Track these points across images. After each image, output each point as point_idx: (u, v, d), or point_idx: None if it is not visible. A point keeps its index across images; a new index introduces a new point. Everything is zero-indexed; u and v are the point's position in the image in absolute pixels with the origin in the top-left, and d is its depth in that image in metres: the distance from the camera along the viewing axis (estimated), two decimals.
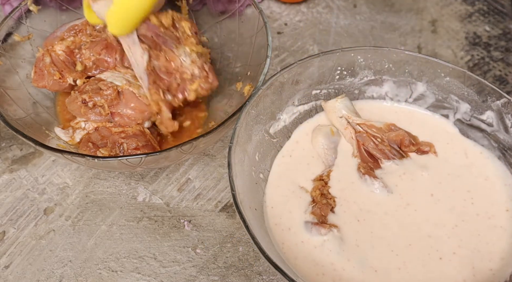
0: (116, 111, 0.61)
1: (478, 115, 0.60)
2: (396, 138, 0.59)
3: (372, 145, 0.58)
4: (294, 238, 0.53)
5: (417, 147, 0.59)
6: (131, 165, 0.54)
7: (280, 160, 0.60)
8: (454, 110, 0.62)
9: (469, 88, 0.59)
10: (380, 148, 0.58)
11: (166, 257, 0.58)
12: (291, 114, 0.62)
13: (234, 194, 0.49)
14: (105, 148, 0.60)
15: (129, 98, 0.60)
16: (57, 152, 0.54)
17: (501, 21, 0.85)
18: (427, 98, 0.63)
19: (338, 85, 0.64)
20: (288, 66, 0.59)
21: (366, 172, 0.56)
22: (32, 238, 0.60)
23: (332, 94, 0.64)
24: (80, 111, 0.61)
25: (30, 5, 0.66)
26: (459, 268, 0.50)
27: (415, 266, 0.50)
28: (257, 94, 0.56)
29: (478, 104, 0.59)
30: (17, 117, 0.59)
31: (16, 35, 0.65)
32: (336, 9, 0.86)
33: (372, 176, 0.56)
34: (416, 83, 0.62)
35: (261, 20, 0.65)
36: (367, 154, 0.58)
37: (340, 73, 0.63)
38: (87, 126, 0.62)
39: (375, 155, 0.58)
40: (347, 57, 0.61)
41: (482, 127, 0.60)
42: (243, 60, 0.69)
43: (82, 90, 0.61)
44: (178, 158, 0.58)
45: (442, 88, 0.61)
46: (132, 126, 0.61)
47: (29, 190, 0.64)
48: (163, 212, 0.62)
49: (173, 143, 0.64)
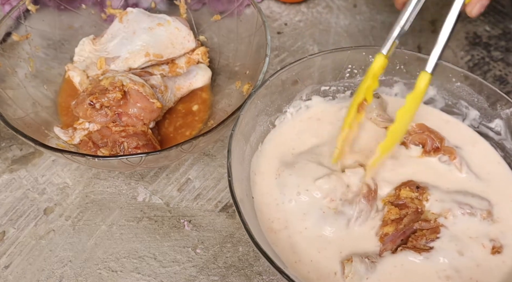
0: (124, 111, 0.61)
1: (487, 123, 0.59)
2: (420, 141, 0.58)
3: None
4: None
5: (439, 153, 0.57)
6: (131, 164, 0.54)
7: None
8: (463, 116, 0.61)
9: (480, 95, 0.59)
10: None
11: (166, 257, 0.58)
12: (298, 108, 0.62)
13: (230, 180, 0.49)
14: (105, 148, 0.60)
15: (136, 98, 0.61)
16: (58, 151, 0.54)
17: (501, 21, 0.85)
18: (437, 103, 0.63)
19: (348, 83, 0.64)
20: (299, 59, 0.59)
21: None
22: (32, 238, 0.60)
23: (341, 91, 0.64)
24: (86, 114, 0.61)
25: (28, 4, 0.66)
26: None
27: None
28: (264, 85, 0.56)
29: (487, 111, 0.59)
30: (16, 117, 0.59)
31: (15, 35, 0.65)
32: (336, 9, 0.86)
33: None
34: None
35: (259, 19, 0.65)
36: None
37: (350, 71, 0.63)
38: (91, 126, 0.62)
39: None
40: (359, 56, 0.61)
41: (490, 135, 0.59)
42: (242, 59, 0.69)
43: (89, 92, 0.61)
44: (178, 156, 0.58)
45: (452, 93, 0.61)
46: (138, 126, 0.61)
47: (29, 190, 0.64)
48: (163, 212, 0.62)
49: (174, 141, 0.65)
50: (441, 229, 0.52)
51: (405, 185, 0.54)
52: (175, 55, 0.70)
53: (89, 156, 0.53)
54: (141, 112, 0.61)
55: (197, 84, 0.69)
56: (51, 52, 0.71)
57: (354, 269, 0.49)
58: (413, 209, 0.53)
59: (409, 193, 0.54)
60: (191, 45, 0.71)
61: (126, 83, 0.61)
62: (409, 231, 0.52)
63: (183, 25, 0.71)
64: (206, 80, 0.70)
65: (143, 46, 0.68)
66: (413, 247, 0.51)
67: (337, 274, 0.50)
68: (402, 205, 0.53)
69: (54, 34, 0.71)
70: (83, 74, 0.68)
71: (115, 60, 0.68)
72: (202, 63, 0.72)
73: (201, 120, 0.68)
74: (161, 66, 0.71)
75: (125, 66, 0.67)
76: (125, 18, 0.70)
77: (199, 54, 0.72)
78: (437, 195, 0.54)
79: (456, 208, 0.52)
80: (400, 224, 0.52)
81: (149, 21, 0.70)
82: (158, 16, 0.71)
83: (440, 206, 0.53)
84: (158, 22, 0.70)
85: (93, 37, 0.71)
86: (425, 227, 0.52)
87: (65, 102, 0.68)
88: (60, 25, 0.71)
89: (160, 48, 0.69)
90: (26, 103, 0.63)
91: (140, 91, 0.61)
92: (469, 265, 0.50)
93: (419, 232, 0.51)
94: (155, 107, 0.61)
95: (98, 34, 0.72)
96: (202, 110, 0.69)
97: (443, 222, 0.52)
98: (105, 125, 0.61)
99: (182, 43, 0.70)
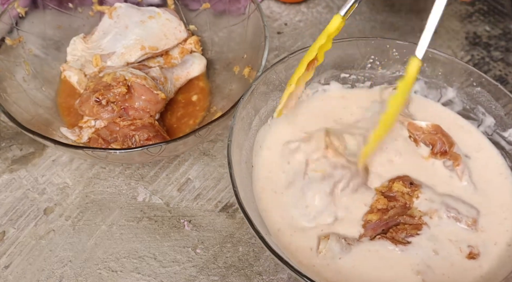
0: (130, 105, 0.62)
1: (501, 132, 0.59)
2: (430, 141, 0.58)
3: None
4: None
5: (445, 157, 0.58)
6: (151, 154, 0.55)
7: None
8: (479, 122, 0.61)
9: (497, 102, 0.58)
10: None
11: (166, 257, 0.58)
12: (315, 91, 0.63)
13: (229, 144, 0.50)
14: (116, 143, 0.61)
15: (140, 91, 0.61)
16: (78, 148, 0.55)
17: (501, 21, 0.85)
18: (455, 105, 0.63)
19: (368, 73, 0.64)
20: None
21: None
22: (32, 238, 0.60)
23: (360, 81, 0.64)
24: (92, 111, 0.61)
25: (17, 7, 0.66)
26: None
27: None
28: (282, 62, 0.57)
29: (503, 120, 0.59)
30: (23, 120, 0.59)
31: (7, 39, 0.65)
32: (336, 9, 0.86)
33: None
34: (447, 88, 0.62)
35: (251, 3, 0.66)
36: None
37: (372, 62, 0.63)
38: (97, 123, 0.63)
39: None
40: (382, 48, 0.61)
41: (502, 144, 0.59)
42: (237, 45, 0.70)
43: (93, 89, 0.62)
44: (195, 142, 0.59)
45: (471, 98, 0.61)
46: (145, 118, 0.62)
47: (29, 190, 0.64)
48: (163, 212, 0.62)
49: (179, 131, 0.67)
50: (424, 227, 0.53)
51: (400, 179, 0.55)
52: (169, 46, 0.71)
53: (111, 149, 0.54)
54: (147, 105, 0.62)
55: (194, 73, 0.70)
56: (46, 53, 0.71)
57: (329, 246, 0.50)
58: (401, 203, 0.54)
59: (402, 187, 0.54)
60: (183, 35, 0.72)
61: (128, 78, 0.61)
62: (392, 223, 0.53)
63: (173, 16, 0.72)
64: (202, 68, 0.71)
65: (138, 40, 0.68)
66: (391, 238, 0.52)
67: (312, 250, 0.51)
68: (392, 197, 0.54)
69: (45, 35, 0.71)
70: (80, 73, 0.68)
71: (111, 56, 0.68)
72: (195, 52, 0.73)
73: (202, 109, 0.69)
74: (156, 58, 0.72)
75: (122, 61, 0.68)
76: (115, 14, 0.70)
77: (192, 43, 0.73)
78: (428, 195, 0.54)
79: (443, 210, 0.53)
80: (385, 214, 0.53)
81: (140, 14, 0.70)
82: (147, 9, 0.72)
83: (428, 205, 0.54)
84: (149, 15, 0.70)
85: (84, 36, 0.71)
86: (408, 222, 0.53)
87: (66, 103, 0.68)
88: (49, 26, 0.71)
89: (154, 40, 0.69)
90: (28, 106, 0.63)
91: (143, 84, 0.61)
92: (442, 263, 0.51)
93: (401, 226, 0.52)
94: (159, 99, 0.62)
95: (88, 32, 0.72)
96: (202, 99, 0.70)
97: (427, 221, 0.53)
98: (112, 121, 0.62)
99: (174, 33, 0.71)
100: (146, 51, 0.68)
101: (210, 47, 0.75)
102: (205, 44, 0.75)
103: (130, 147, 0.60)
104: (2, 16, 0.65)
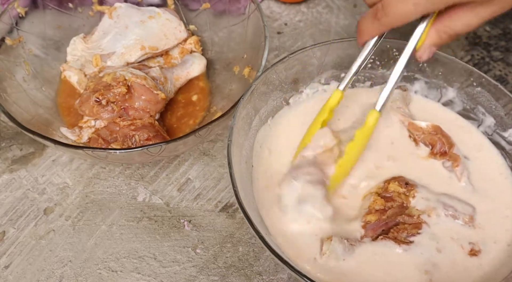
0: (130, 105, 0.62)
1: (501, 132, 0.59)
2: (430, 141, 0.58)
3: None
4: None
5: (445, 158, 0.58)
6: (151, 154, 0.55)
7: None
8: (479, 122, 0.61)
9: (497, 102, 0.58)
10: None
11: (166, 257, 0.58)
12: (315, 90, 0.63)
13: (229, 144, 0.50)
14: (116, 143, 0.61)
15: (140, 91, 0.61)
16: (78, 148, 0.55)
17: (501, 21, 0.85)
18: (455, 105, 0.63)
19: (368, 73, 0.64)
20: (323, 42, 0.60)
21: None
22: (32, 238, 0.60)
23: (361, 80, 0.65)
24: (92, 111, 0.61)
25: (17, 7, 0.66)
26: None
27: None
28: (282, 62, 0.58)
29: (503, 120, 0.59)
30: (23, 120, 0.59)
31: (7, 39, 0.65)
32: (336, 9, 0.86)
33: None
34: (447, 88, 0.62)
35: (251, 2, 0.66)
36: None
37: (373, 62, 0.63)
38: (97, 123, 0.63)
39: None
40: (382, 48, 0.61)
41: (502, 145, 0.59)
42: (237, 45, 0.70)
43: (93, 89, 0.62)
44: (195, 142, 0.59)
45: (471, 98, 0.61)
46: (145, 118, 0.62)
47: (29, 190, 0.64)
48: (163, 212, 0.62)
49: (179, 130, 0.67)
50: (423, 225, 0.53)
51: (395, 180, 0.55)
52: (169, 46, 0.71)
53: (111, 149, 0.54)
54: (147, 105, 0.62)
55: (194, 73, 0.70)
56: (46, 53, 0.71)
57: (332, 248, 0.50)
58: (398, 203, 0.54)
59: (397, 188, 0.54)
60: (183, 35, 0.72)
61: (128, 78, 0.61)
62: (391, 223, 0.53)
63: (173, 16, 0.72)
64: (202, 68, 0.71)
65: (138, 40, 0.68)
66: (393, 238, 0.52)
67: (313, 250, 0.52)
68: (389, 197, 0.54)
69: (45, 35, 0.71)
70: (80, 73, 0.68)
71: (111, 56, 0.68)
72: (195, 52, 0.73)
73: (202, 109, 0.69)
74: (156, 58, 0.72)
75: (122, 61, 0.68)
76: (115, 14, 0.70)
77: (192, 43, 0.73)
78: (424, 194, 0.54)
79: (440, 209, 0.53)
80: (383, 214, 0.53)
81: (140, 14, 0.70)
82: (147, 9, 0.72)
83: (425, 204, 0.54)
84: (149, 15, 0.70)
85: (83, 36, 0.72)
86: (407, 221, 0.53)
87: (66, 103, 0.68)
88: (49, 26, 0.71)
89: (154, 40, 0.69)
90: (28, 106, 0.63)
91: (143, 84, 0.61)
92: (446, 262, 0.51)
93: (401, 225, 0.53)
94: (159, 99, 0.62)
95: (88, 32, 0.73)
96: (201, 99, 0.70)
97: (426, 219, 0.53)
98: (112, 121, 0.62)
99: (174, 33, 0.71)
100: (146, 51, 0.69)
101: (210, 47, 0.75)
102: (205, 44, 0.75)
103: (130, 147, 0.60)
104: (2, 16, 0.65)
